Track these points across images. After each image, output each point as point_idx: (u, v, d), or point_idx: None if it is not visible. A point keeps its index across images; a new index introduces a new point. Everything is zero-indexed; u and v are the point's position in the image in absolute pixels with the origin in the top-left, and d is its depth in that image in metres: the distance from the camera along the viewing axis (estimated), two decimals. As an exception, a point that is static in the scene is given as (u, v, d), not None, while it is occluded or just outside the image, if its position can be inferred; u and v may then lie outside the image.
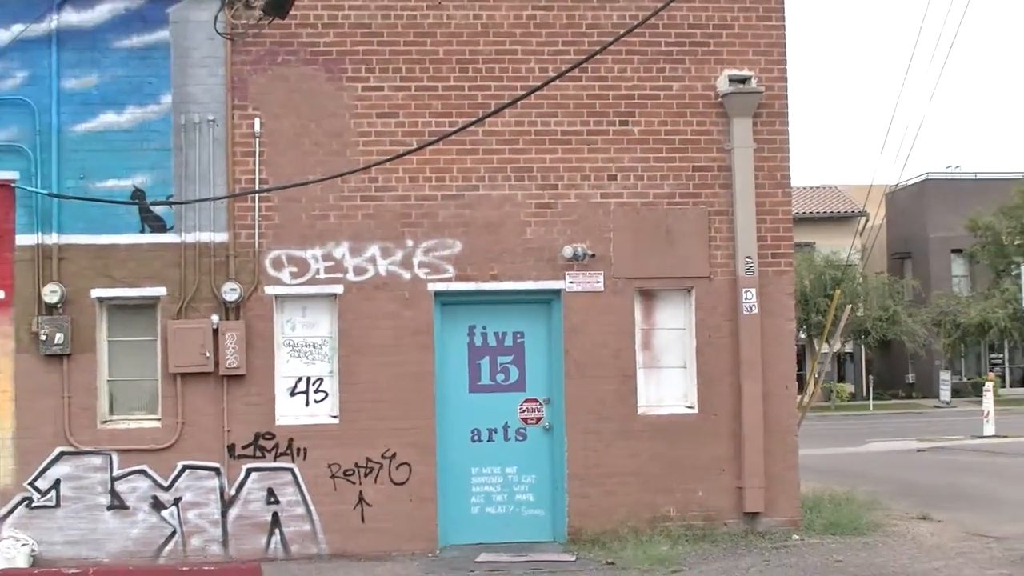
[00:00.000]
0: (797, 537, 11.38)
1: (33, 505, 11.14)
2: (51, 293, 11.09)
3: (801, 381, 14.28)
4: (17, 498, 11.13)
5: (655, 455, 11.52)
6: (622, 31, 10.65)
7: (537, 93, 10.69)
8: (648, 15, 10.51)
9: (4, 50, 11.22)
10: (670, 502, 11.50)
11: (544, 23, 11.70)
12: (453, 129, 11.00)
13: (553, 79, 10.64)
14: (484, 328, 11.83)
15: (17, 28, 11.21)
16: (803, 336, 35.59)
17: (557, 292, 11.63)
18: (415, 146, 11.13)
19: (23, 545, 10.91)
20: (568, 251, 11.54)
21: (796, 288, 12.40)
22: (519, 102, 10.86)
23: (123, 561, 11.01)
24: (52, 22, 11.31)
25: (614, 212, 11.68)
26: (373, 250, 11.48)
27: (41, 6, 11.25)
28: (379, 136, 11.48)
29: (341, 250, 11.45)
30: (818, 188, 43.41)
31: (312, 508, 11.24)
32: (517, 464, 11.73)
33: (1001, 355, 42.31)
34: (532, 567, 10.42)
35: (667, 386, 11.85)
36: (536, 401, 11.81)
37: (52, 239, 11.22)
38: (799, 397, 13.47)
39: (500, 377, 11.81)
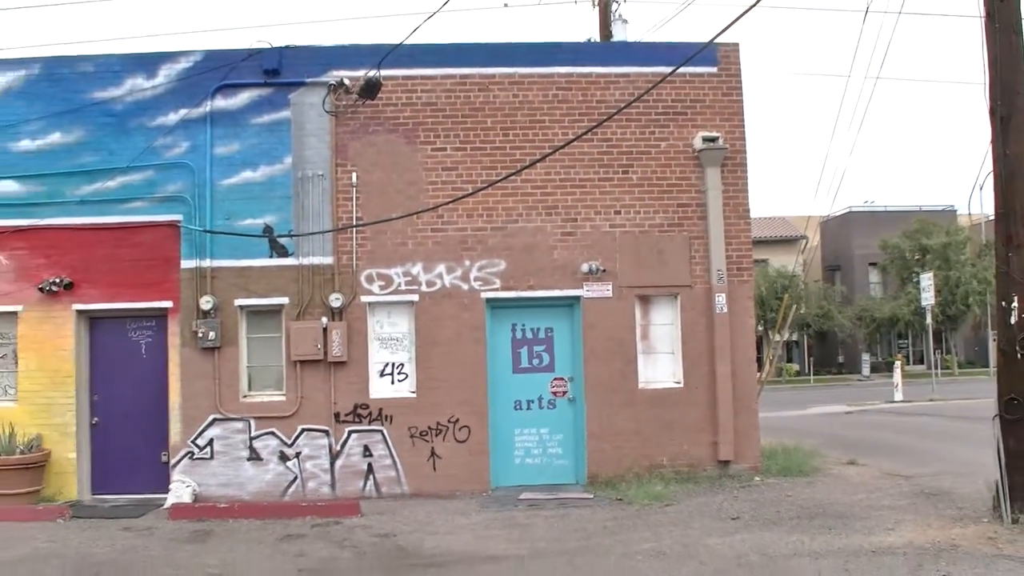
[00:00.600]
0: (758, 479, 11.16)
1: (194, 457, 11.09)
2: (206, 302, 11.06)
3: (760, 362, 13.90)
4: (183, 451, 11.10)
5: (651, 419, 11.27)
6: (623, 105, 10.69)
7: (560, 151, 10.80)
8: (642, 92, 10.67)
9: (172, 127, 11.20)
10: (663, 454, 11.25)
11: (565, 100, 11.56)
12: (498, 178, 10.99)
13: (572, 140, 10.70)
14: (523, 325, 11.58)
15: (183, 111, 11.22)
16: (760, 329, 35.18)
17: (577, 298, 11.40)
18: (470, 191, 11.10)
19: (187, 486, 10.91)
20: (585, 267, 11.37)
21: (754, 293, 12.06)
22: (547, 158, 10.88)
23: (259, 499, 10.91)
24: (207, 106, 11.27)
25: (619, 238, 11.46)
26: (440, 268, 11.29)
27: (199, 95, 11.23)
28: (443, 184, 11.33)
29: (416, 268, 11.29)
30: (770, 218, 43.00)
31: (397, 460, 11.08)
32: (548, 426, 11.46)
33: (906, 341, 41.92)
34: (561, 502, 10.25)
35: (660, 367, 11.54)
36: (563, 379, 11.54)
37: (206, 263, 11.15)
38: (758, 374, 13.23)
39: (535, 361, 11.56)
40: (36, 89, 11.27)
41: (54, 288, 11.05)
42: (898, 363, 26.60)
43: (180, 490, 10.82)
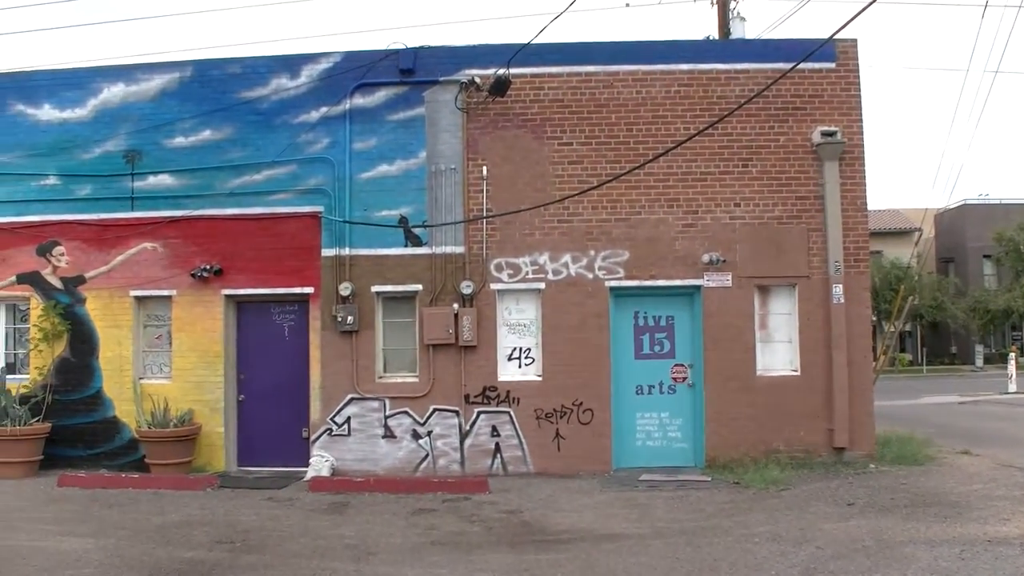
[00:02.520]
0: (872, 466, 11.95)
1: (332, 433, 12.83)
2: (345, 289, 12.81)
3: (874, 352, 14.94)
4: (322, 428, 12.84)
5: (768, 405, 12.34)
6: (743, 100, 12.03)
7: (682, 146, 12.11)
8: (762, 88, 11.90)
9: (314, 124, 13.06)
10: (779, 439, 12.30)
11: (686, 96, 12.86)
12: (622, 172, 12.40)
13: (694, 135, 12.02)
14: (645, 313, 12.83)
15: (323, 109, 13.07)
16: (875, 319, 36.95)
17: (698, 287, 12.59)
18: (595, 184, 12.51)
19: (325, 461, 12.67)
20: (705, 258, 12.58)
21: (870, 284, 13.36)
22: (669, 152, 12.19)
23: (392, 474, 12.45)
24: (346, 104, 13.03)
25: (739, 229, 12.61)
26: (566, 258, 12.71)
27: (339, 94, 13.02)
28: (569, 177, 12.74)
29: (543, 258, 12.72)
30: (885, 211, 45.18)
31: (523, 440, 12.50)
32: (669, 411, 12.69)
33: (1020, 332, 43.39)
34: (680, 484, 11.28)
35: (777, 355, 12.60)
36: (682, 365, 12.75)
37: (345, 252, 12.88)
38: (873, 364, 13.93)
39: (656, 348, 12.81)
40: (189, 90, 13.31)
41: (205, 274, 13.09)
42: (1012, 355, 27.65)
43: (319, 464, 12.66)
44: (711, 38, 15.42)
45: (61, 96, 13.55)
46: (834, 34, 9.45)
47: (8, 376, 13.40)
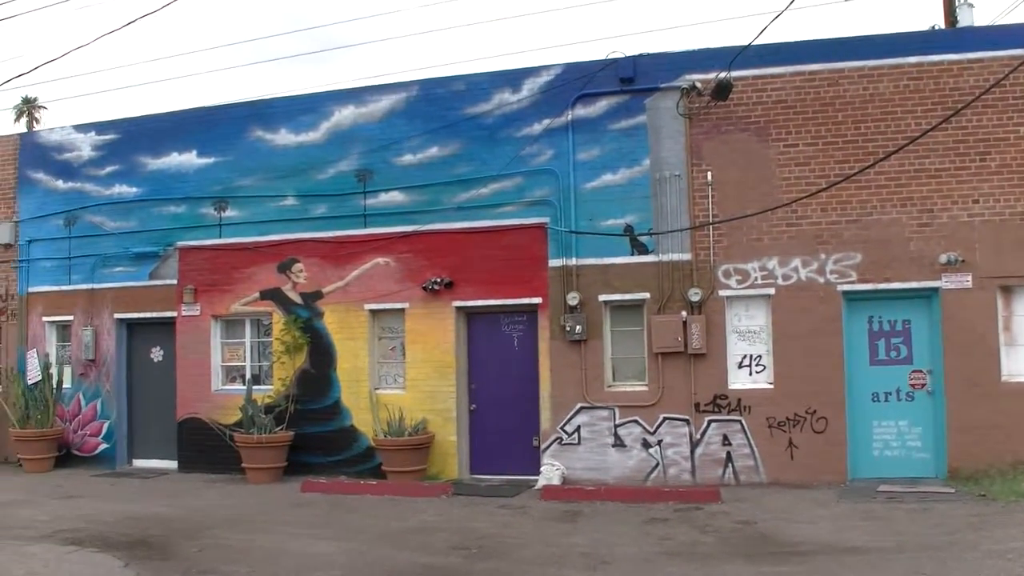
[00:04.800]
0: None
1: (562, 442, 14.48)
2: (572, 298, 14.49)
3: None
4: (552, 437, 14.53)
5: (1015, 413, 12.63)
6: (979, 92, 12.63)
7: (915, 142, 12.87)
8: (1001, 77, 12.57)
9: (537, 136, 15.00)
10: None
11: (916, 89, 13.56)
12: (852, 172, 13.33)
13: (928, 131, 12.74)
14: (880, 317, 13.61)
15: (546, 121, 14.99)
16: None
17: (935, 289, 13.20)
18: (824, 186, 13.29)
19: (556, 469, 14.40)
20: (943, 258, 13.13)
21: None
22: (901, 149, 12.89)
23: (622, 483, 13.85)
24: (568, 115, 14.89)
25: (978, 227, 13.11)
26: (795, 262, 13.72)
27: (560, 105, 14.93)
28: (796, 179, 13.79)
29: (772, 263, 13.84)
30: None
31: (755, 449, 13.60)
32: (907, 419, 13.37)
33: None
34: (921, 496, 11.81)
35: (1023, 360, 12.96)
36: (921, 371, 13.41)
37: (572, 262, 14.55)
38: None
39: (892, 354, 13.55)
40: (415, 108, 15.63)
41: (436, 287, 15.29)
42: None
43: (550, 472, 14.39)
44: (937, 27, 16.29)
45: (296, 120, 16.19)
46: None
47: (254, 387, 16.05)
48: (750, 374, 13.99)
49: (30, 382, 17.64)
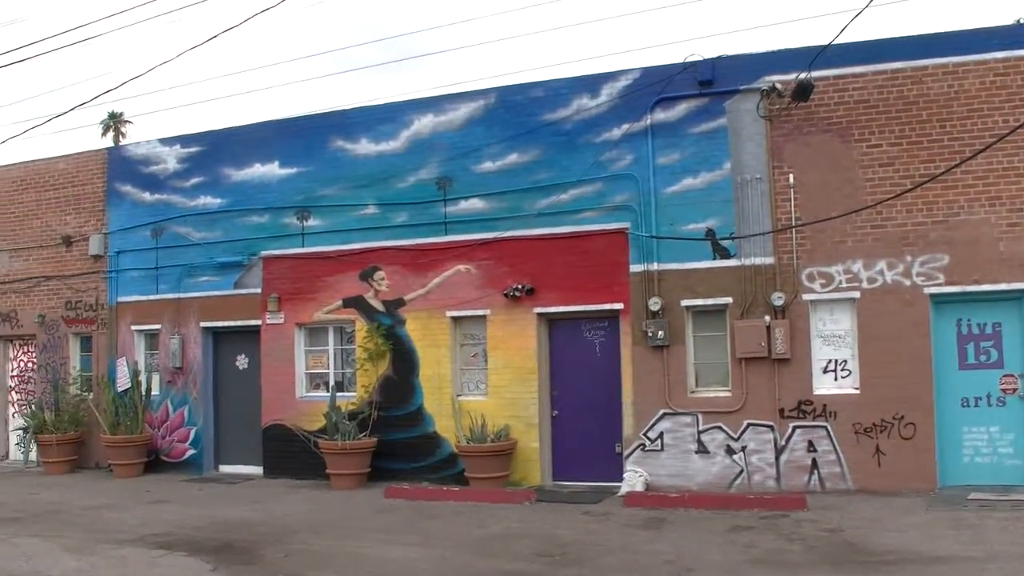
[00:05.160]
0: None
1: (645, 449, 14.78)
2: (654, 303, 14.78)
3: None
4: (635, 443, 14.81)
5: None
6: None
7: (1004, 139, 12.91)
8: None
9: (616, 141, 15.30)
10: None
11: (1003, 86, 13.44)
12: (938, 172, 13.40)
13: (1016, 128, 12.68)
14: (968, 320, 13.56)
15: (625, 126, 15.29)
16: None
17: None
18: (909, 186, 13.47)
19: (639, 476, 14.64)
20: None
21: None
22: (989, 148, 12.94)
23: (705, 490, 13.96)
24: (647, 120, 15.17)
25: None
26: (880, 265, 13.76)
27: (639, 110, 15.20)
28: (880, 180, 13.81)
29: (856, 266, 13.89)
30: None
31: (841, 456, 13.60)
32: (999, 424, 13.26)
33: None
34: (1015, 504, 11.77)
35: None
36: (1012, 376, 13.29)
37: (653, 267, 14.83)
38: None
39: (982, 357, 13.46)
40: (494, 116, 16.04)
41: (517, 293, 15.67)
42: None
43: (633, 479, 14.63)
44: (1022, 22, 16.14)
45: (376, 130, 16.74)
46: None
47: (338, 394, 16.60)
48: (835, 379, 14.03)
49: (120, 389, 18.48)
